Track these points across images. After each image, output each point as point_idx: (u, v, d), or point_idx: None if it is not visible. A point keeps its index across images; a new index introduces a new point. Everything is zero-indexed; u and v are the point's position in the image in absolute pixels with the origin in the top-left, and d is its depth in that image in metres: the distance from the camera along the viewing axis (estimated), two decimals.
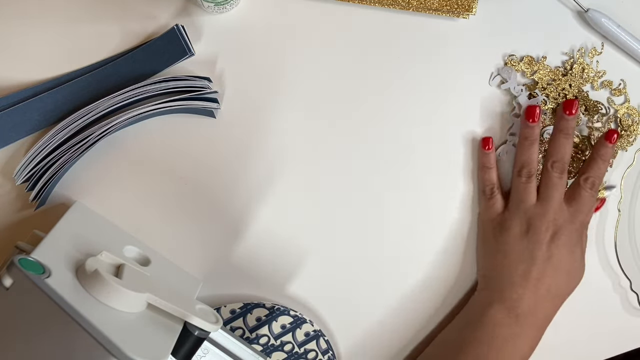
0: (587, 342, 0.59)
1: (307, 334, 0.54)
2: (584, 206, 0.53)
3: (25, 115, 0.50)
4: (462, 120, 0.56)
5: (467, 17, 0.54)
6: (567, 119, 0.53)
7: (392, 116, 0.55)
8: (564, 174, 0.53)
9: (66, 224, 0.46)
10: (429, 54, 0.55)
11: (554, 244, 0.51)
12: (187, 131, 0.53)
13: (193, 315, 0.42)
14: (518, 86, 0.55)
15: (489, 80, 0.56)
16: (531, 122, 0.53)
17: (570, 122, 0.53)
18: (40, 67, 0.51)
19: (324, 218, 0.55)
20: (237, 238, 0.54)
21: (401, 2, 0.53)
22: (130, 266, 0.45)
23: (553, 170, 0.53)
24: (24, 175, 0.49)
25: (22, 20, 0.51)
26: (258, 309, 0.54)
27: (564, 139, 0.53)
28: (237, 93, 0.54)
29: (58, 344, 0.35)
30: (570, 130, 0.53)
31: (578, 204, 0.53)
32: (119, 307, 0.40)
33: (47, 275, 0.38)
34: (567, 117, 0.53)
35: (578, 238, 0.53)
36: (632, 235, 0.57)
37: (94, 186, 0.52)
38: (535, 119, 0.53)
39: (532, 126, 0.54)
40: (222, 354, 0.46)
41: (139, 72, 0.51)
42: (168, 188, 0.53)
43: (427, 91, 0.55)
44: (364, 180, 0.55)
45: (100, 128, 0.49)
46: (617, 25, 0.55)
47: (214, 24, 0.53)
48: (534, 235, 0.51)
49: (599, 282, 0.58)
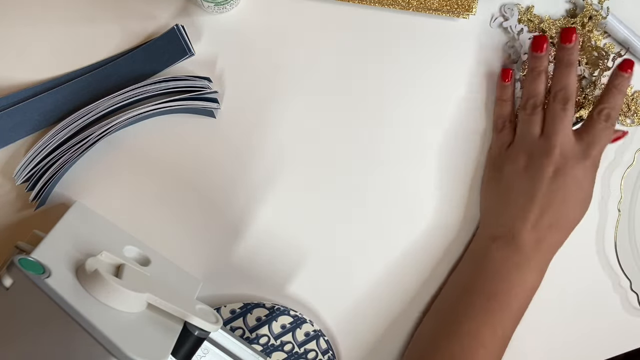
0: (587, 342, 0.59)
1: (307, 334, 0.54)
2: (597, 140, 0.49)
3: (25, 115, 0.50)
4: (462, 120, 0.56)
5: (467, 17, 0.54)
6: (567, 48, 0.50)
7: (392, 116, 0.55)
8: (567, 104, 0.50)
9: (66, 224, 0.46)
10: (429, 54, 0.55)
11: (558, 179, 0.49)
12: (187, 131, 0.53)
13: (193, 315, 0.42)
14: (519, 25, 0.55)
15: (489, 22, 0.55)
16: (539, 52, 0.51)
17: (570, 50, 0.50)
18: (40, 67, 0.51)
19: (324, 218, 0.55)
20: (237, 238, 0.54)
21: (401, 2, 0.53)
22: (130, 266, 0.45)
23: (555, 102, 0.50)
24: (24, 175, 0.49)
25: (23, 21, 0.51)
26: (258, 309, 0.54)
27: (565, 69, 0.50)
28: (237, 93, 0.54)
29: (58, 344, 0.35)
30: (572, 59, 0.50)
31: (590, 136, 0.49)
32: (119, 307, 0.40)
33: (47, 275, 0.38)
34: (566, 46, 0.50)
35: (587, 173, 0.50)
36: (632, 235, 0.57)
37: (94, 186, 0.52)
38: (542, 49, 0.51)
39: (540, 56, 0.51)
40: (222, 354, 0.46)
41: (139, 72, 0.51)
42: (168, 188, 0.53)
43: (427, 91, 0.55)
44: (364, 180, 0.55)
45: (100, 128, 0.49)
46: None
47: (214, 24, 0.53)
48: (536, 170, 0.50)
49: (599, 282, 0.58)
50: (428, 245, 0.56)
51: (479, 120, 0.56)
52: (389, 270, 0.56)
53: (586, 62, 0.55)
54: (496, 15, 0.55)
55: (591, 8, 0.55)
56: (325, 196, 0.55)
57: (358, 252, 0.56)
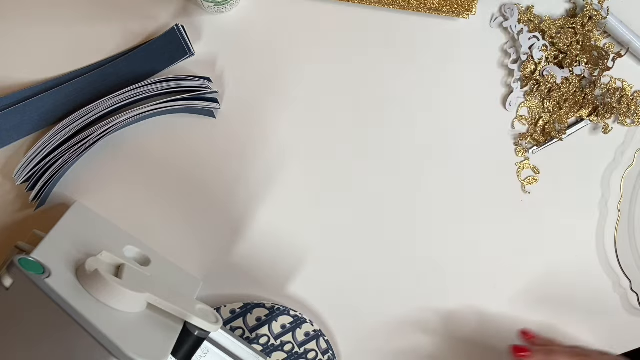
0: (587, 342, 0.58)
1: (307, 334, 0.54)
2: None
3: (25, 115, 0.50)
4: (462, 119, 0.56)
5: (467, 17, 0.54)
6: None
7: (392, 116, 0.55)
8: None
9: (66, 224, 0.46)
10: (429, 54, 0.55)
11: None
12: (187, 131, 0.53)
13: (193, 315, 0.42)
14: (519, 25, 0.54)
15: (489, 22, 0.55)
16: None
17: None
18: (40, 67, 0.51)
19: (324, 218, 0.55)
20: (237, 238, 0.54)
21: (401, 2, 0.53)
22: (130, 266, 0.45)
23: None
24: (24, 175, 0.49)
25: (23, 21, 0.51)
26: (258, 309, 0.54)
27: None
28: (237, 93, 0.54)
29: (58, 344, 0.35)
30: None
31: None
32: (119, 307, 0.40)
33: (47, 275, 0.38)
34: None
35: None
36: (632, 235, 0.57)
37: (94, 186, 0.52)
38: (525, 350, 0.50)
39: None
40: (222, 354, 0.46)
41: (139, 72, 0.51)
42: (168, 188, 0.53)
43: (427, 91, 0.55)
44: (363, 180, 0.55)
45: (100, 128, 0.49)
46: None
47: (214, 24, 0.53)
48: None
49: (599, 282, 0.58)
50: (428, 245, 0.56)
51: (478, 121, 0.56)
52: (389, 270, 0.56)
53: (586, 62, 0.55)
54: (496, 15, 0.55)
55: (591, 8, 0.55)
56: (325, 196, 0.55)
57: (358, 252, 0.56)
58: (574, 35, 0.55)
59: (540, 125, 0.56)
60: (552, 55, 0.55)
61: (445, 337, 0.57)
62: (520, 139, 0.56)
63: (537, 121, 0.56)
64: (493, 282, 0.57)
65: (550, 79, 0.55)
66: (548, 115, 0.56)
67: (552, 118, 0.56)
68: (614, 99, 0.56)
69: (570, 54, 0.54)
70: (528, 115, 0.56)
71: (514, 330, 0.56)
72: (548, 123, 0.56)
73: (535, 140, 0.56)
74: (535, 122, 0.56)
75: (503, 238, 0.57)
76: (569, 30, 0.55)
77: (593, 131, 0.57)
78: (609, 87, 0.56)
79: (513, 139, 0.56)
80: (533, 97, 0.56)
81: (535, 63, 0.55)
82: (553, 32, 0.54)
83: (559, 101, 0.55)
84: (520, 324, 0.57)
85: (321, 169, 0.55)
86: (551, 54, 0.55)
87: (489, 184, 0.56)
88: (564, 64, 0.55)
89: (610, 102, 0.55)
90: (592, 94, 0.55)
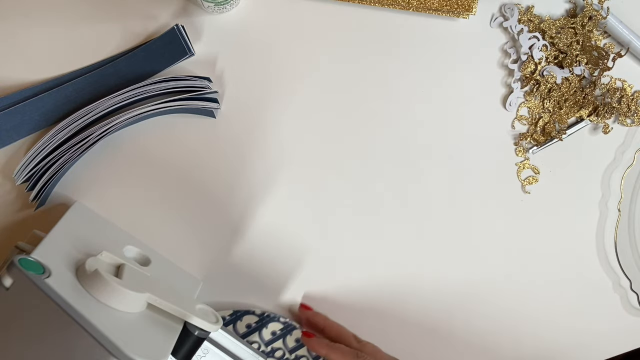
0: (587, 342, 0.59)
1: (297, 340, 0.54)
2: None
3: (25, 115, 0.50)
4: (462, 120, 0.56)
5: (467, 17, 0.54)
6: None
7: (392, 116, 0.55)
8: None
9: (66, 224, 0.46)
10: (429, 54, 0.55)
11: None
12: (187, 131, 0.53)
13: (193, 315, 0.42)
14: (519, 25, 0.54)
15: (489, 22, 0.55)
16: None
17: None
18: (40, 67, 0.51)
19: (324, 218, 0.55)
20: (237, 238, 0.54)
21: (401, 2, 0.53)
22: (130, 266, 0.45)
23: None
24: (24, 175, 0.49)
25: (23, 21, 0.51)
26: (248, 316, 0.54)
27: None
28: (237, 93, 0.54)
29: (58, 344, 0.35)
30: None
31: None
32: (119, 307, 0.40)
33: (47, 275, 0.38)
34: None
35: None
36: (632, 235, 0.57)
37: (94, 186, 0.52)
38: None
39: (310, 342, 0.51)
40: (222, 354, 0.46)
41: (139, 72, 0.51)
42: (168, 188, 0.53)
43: (427, 91, 0.55)
44: (363, 182, 0.55)
45: (100, 128, 0.49)
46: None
47: (214, 24, 0.53)
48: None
49: (599, 282, 0.58)
50: (428, 246, 0.56)
51: (478, 121, 0.56)
52: (386, 274, 0.56)
53: (586, 62, 0.55)
54: (496, 15, 0.55)
55: (591, 8, 0.55)
56: (325, 197, 0.55)
57: (358, 251, 0.56)
58: (574, 35, 0.55)
59: (540, 125, 0.56)
60: (552, 55, 0.55)
61: (445, 338, 0.57)
62: (520, 139, 0.56)
63: (537, 121, 0.56)
64: (493, 282, 0.57)
65: (550, 79, 0.55)
66: (548, 115, 0.56)
67: (552, 118, 0.56)
68: (614, 99, 0.56)
69: (570, 54, 0.55)
70: (528, 115, 0.56)
71: (514, 330, 0.56)
72: (548, 123, 0.56)
73: (536, 140, 0.56)
74: (535, 122, 0.56)
75: (503, 238, 0.57)
76: (569, 30, 0.55)
77: (593, 131, 0.57)
78: (609, 87, 0.56)
79: (513, 139, 0.56)
80: (533, 97, 0.56)
81: (535, 63, 0.55)
82: (553, 32, 0.54)
83: (559, 101, 0.56)
84: (520, 324, 0.57)
85: (321, 169, 0.55)
86: (551, 54, 0.55)
87: (489, 184, 0.56)
88: (564, 64, 0.55)
89: (610, 102, 0.55)
90: (592, 94, 0.55)
